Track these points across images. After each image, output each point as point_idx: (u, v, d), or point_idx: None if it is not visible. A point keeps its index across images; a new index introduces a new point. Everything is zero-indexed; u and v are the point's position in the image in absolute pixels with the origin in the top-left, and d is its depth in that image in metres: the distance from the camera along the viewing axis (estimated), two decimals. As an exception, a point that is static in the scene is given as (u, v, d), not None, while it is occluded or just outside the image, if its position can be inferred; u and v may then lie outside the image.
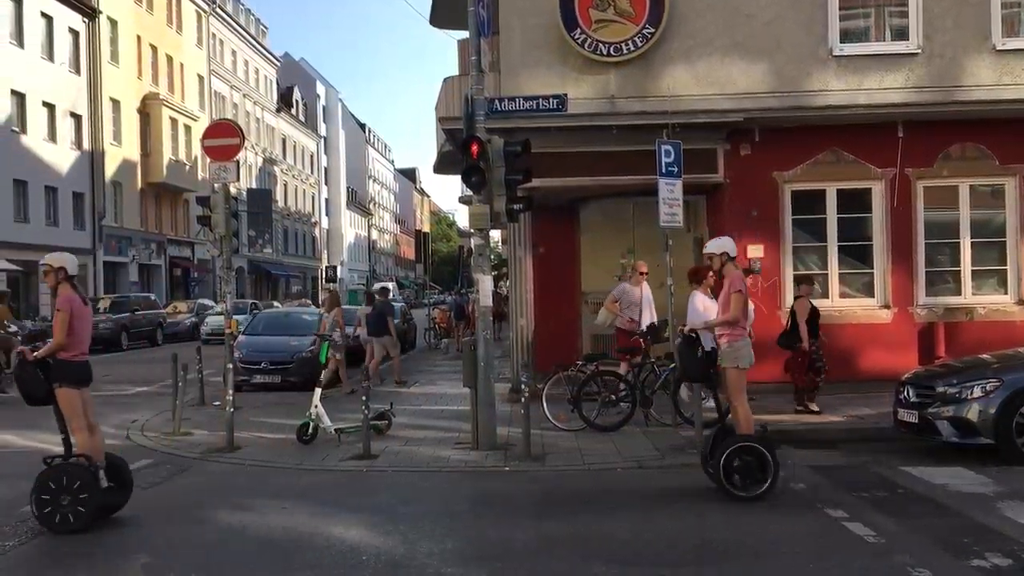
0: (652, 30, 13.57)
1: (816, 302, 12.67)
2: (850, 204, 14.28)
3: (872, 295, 14.20)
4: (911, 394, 9.63)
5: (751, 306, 9.31)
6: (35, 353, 7.44)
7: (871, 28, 14.06)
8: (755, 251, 14.05)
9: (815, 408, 11.88)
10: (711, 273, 12.02)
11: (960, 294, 14.15)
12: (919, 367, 11.89)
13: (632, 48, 13.62)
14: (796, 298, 12.63)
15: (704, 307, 11.32)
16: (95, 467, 7.27)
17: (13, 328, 15.91)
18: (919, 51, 13.59)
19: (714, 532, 6.77)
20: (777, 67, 13.69)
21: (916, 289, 14.08)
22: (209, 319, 32.24)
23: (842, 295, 14.23)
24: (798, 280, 13.19)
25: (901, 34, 13.81)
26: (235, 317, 26.11)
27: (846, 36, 13.83)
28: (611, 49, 13.63)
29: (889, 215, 14.06)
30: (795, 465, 9.12)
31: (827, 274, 14.19)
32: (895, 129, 13.89)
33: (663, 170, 11.25)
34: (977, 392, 9.09)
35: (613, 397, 11.31)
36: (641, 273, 12.46)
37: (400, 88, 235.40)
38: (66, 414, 7.36)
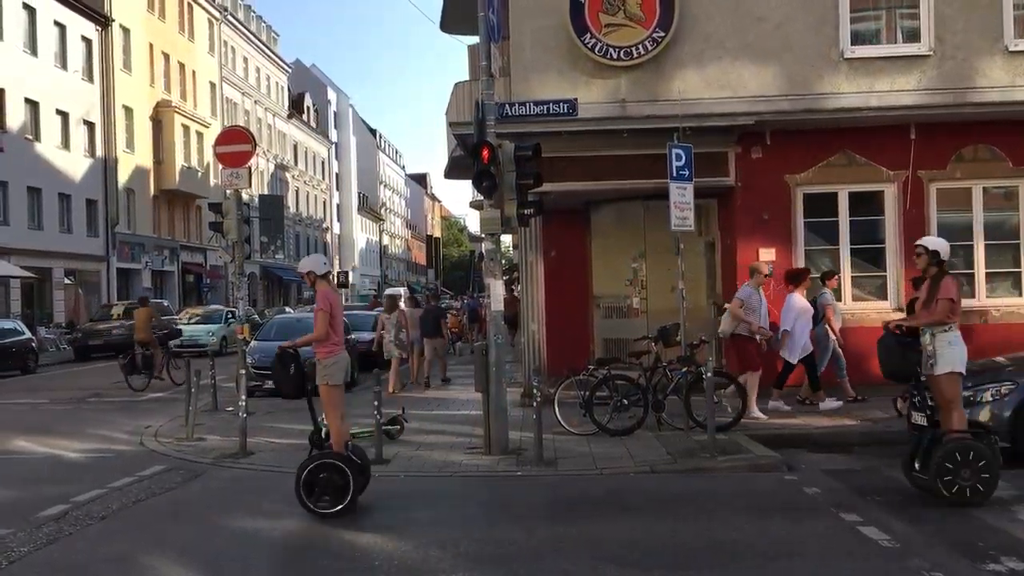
0: (662, 34, 13.56)
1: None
2: (862, 206, 14.23)
3: (885, 298, 14.14)
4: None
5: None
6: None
7: (882, 30, 14.03)
8: (767, 254, 14.00)
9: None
10: (808, 275, 12.03)
11: (974, 296, 14.05)
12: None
13: (642, 52, 13.62)
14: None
15: (800, 308, 11.29)
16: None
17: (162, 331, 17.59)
18: (931, 53, 13.54)
19: (727, 536, 6.74)
20: (788, 70, 13.67)
21: (929, 292, 13.99)
22: (184, 329, 28.34)
23: (855, 298, 14.18)
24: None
25: (912, 36, 13.77)
26: (210, 328, 25.61)
27: (857, 38, 13.80)
28: (621, 53, 13.63)
29: (902, 217, 14.01)
30: (807, 469, 9.10)
31: (840, 277, 14.13)
32: (907, 131, 13.84)
33: (674, 173, 11.24)
34: (991, 395, 9.03)
35: (625, 401, 11.28)
36: (765, 276, 12.11)
37: (411, 94, 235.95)
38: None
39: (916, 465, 7.73)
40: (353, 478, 7.57)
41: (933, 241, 8.17)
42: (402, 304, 19.04)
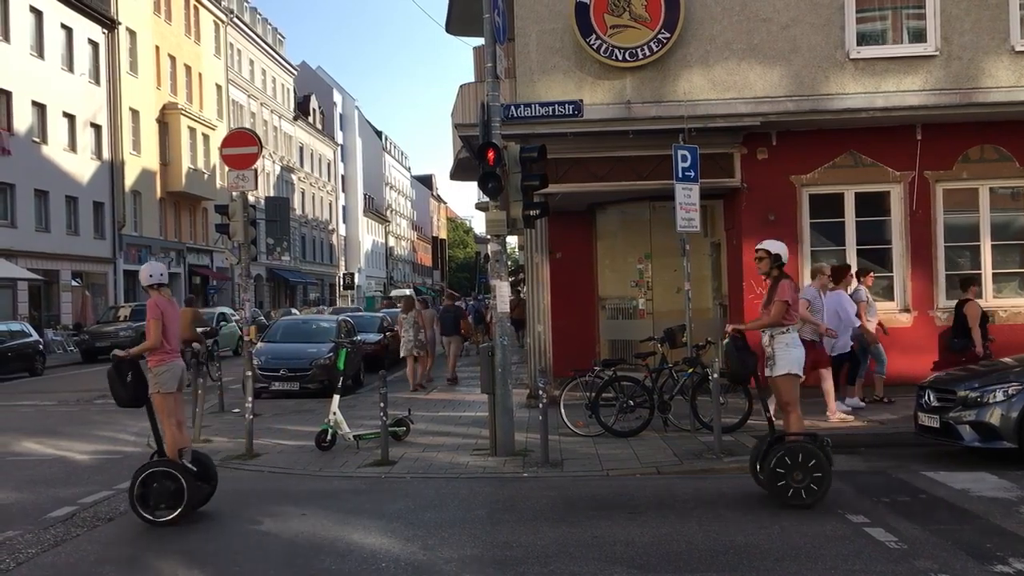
0: (668, 35, 13.56)
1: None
2: (868, 207, 14.21)
3: (892, 299, 14.12)
4: (932, 398, 9.56)
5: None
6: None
7: (888, 31, 14.01)
8: (773, 255, 13.98)
9: None
10: (850, 272, 11.98)
11: (981, 297, 14.01)
12: (940, 371, 11.80)
13: (648, 53, 13.62)
14: (964, 301, 12.20)
15: (843, 305, 11.24)
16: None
17: (202, 329, 17.55)
18: (937, 53, 13.52)
19: (734, 537, 6.73)
20: (794, 70, 13.66)
21: (936, 292, 13.99)
22: None
23: (861, 299, 14.13)
24: (965, 282, 12.55)
25: (919, 36, 13.75)
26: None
27: (863, 39, 13.78)
28: (627, 54, 13.64)
29: (908, 218, 13.98)
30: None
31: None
32: (913, 132, 13.82)
33: (680, 174, 11.25)
34: (999, 396, 9.00)
35: (631, 402, 11.28)
36: (827, 276, 11.90)
37: (416, 96, 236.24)
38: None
39: (758, 467, 7.88)
40: (188, 484, 7.46)
41: (774, 244, 8.26)
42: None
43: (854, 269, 13.05)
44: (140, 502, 7.45)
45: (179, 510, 7.41)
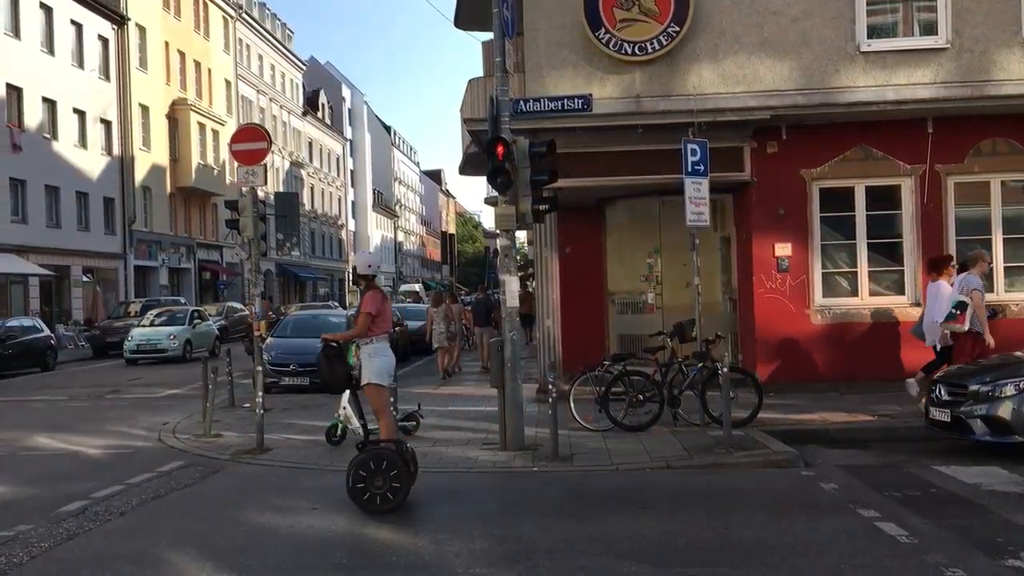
0: (677, 28, 13.52)
1: (846, 300, 12.53)
2: (879, 201, 14.15)
3: (903, 293, 14.06)
4: (943, 392, 9.53)
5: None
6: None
7: (899, 23, 13.93)
8: (783, 249, 13.96)
9: None
10: (951, 262, 11.75)
11: (992, 291, 13.93)
12: (951, 365, 11.74)
13: (657, 47, 13.58)
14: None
15: (947, 295, 11.11)
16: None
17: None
18: (948, 45, 13.44)
19: (744, 532, 6.73)
20: (804, 64, 13.60)
21: (948, 286, 13.90)
22: (135, 332, 26.19)
23: (872, 293, 14.10)
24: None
25: (930, 29, 13.67)
26: (172, 331, 25.32)
27: (874, 31, 13.71)
28: (636, 48, 13.60)
29: (919, 212, 13.92)
30: (824, 465, 9.08)
31: (856, 272, 14.07)
32: (925, 125, 13.75)
33: (689, 169, 11.21)
34: (1010, 390, 8.97)
35: (641, 397, 11.28)
36: (987, 262, 11.60)
37: (425, 90, 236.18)
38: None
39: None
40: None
41: (355, 259, 8.48)
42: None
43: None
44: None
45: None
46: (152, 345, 25.48)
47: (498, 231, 10.84)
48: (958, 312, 10.85)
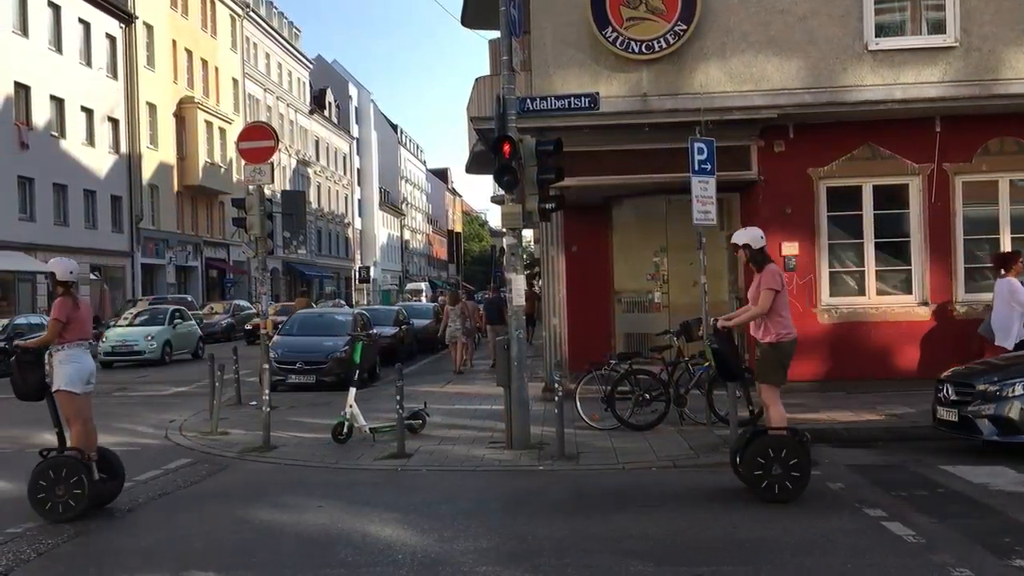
0: (684, 27, 13.50)
1: (853, 299, 12.47)
2: (887, 200, 14.10)
3: (910, 292, 14.02)
4: (951, 392, 9.50)
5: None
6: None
7: (907, 22, 13.89)
8: (790, 248, 13.93)
9: None
10: (1020, 258, 11.37)
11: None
12: (958, 365, 11.70)
13: (664, 45, 13.56)
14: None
15: (1017, 292, 10.93)
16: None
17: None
18: (957, 44, 13.40)
19: (750, 531, 6.72)
20: (812, 62, 13.57)
21: (955, 286, 13.87)
22: (110, 333, 24.76)
23: (879, 292, 14.06)
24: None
25: (938, 27, 13.62)
26: (149, 331, 24.54)
27: (882, 30, 13.67)
28: (643, 47, 13.58)
29: (927, 211, 13.87)
30: (831, 464, 9.05)
31: (864, 271, 14.03)
32: (932, 124, 13.70)
33: (696, 168, 11.19)
34: (1019, 390, 8.93)
35: (647, 396, 11.27)
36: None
37: (432, 89, 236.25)
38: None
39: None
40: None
41: (53, 265, 8.30)
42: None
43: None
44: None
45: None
46: (128, 346, 23.98)
47: (504, 230, 10.84)
48: None
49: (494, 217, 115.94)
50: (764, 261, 7.94)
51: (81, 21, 36.40)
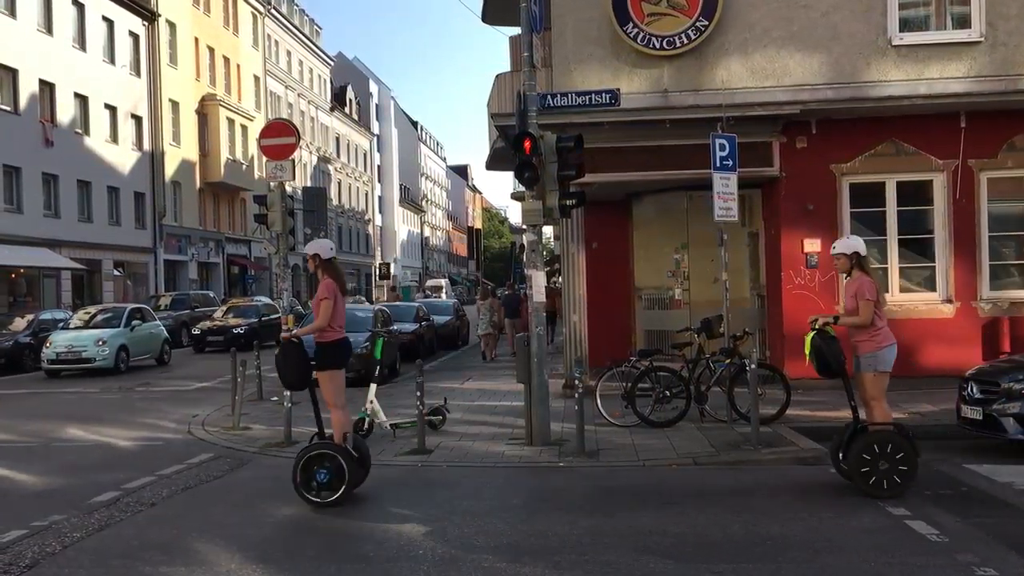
0: (706, 23, 13.44)
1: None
2: (911, 197, 14.00)
3: (934, 289, 13.91)
4: (975, 390, 9.41)
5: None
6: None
7: (931, 16, 13.77)
8: (812, 245, 13.86)
9: None
10: None
11: (1024, 288, 13.79)
12: (983, 362, 11.60)
13: (685, 41, 13.51)
14: None
15: None
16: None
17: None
18: (982, 39, 13.27)
19: (772, 529, 6.68)
20: (834, 58, 13.47)
21: (980, 283, 13.75)
22: (56, 337, 20.78)
23: (903, 289, 13.96)
24: None
25: (963, 22, 13.50)
26: (101, 335, 23.81)
27: (906, 25, 13.56)
28: (664, 43, 13.54)
29: (951, 207, 13.75)
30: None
31: (887, 268, 13.92)
32: (957, 119, 13.58)
33: (717, 164, 11.15)
34: (1034, 387, 8.84)
35: (667, 393, 11.23)
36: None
37: (452, 85, 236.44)
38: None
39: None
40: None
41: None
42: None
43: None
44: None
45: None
46: (75, 353, 20.20)
47: (524, 226, 10.82)
48: None
49: (514, 213, 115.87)
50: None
51: (104, 19, 36.67)
